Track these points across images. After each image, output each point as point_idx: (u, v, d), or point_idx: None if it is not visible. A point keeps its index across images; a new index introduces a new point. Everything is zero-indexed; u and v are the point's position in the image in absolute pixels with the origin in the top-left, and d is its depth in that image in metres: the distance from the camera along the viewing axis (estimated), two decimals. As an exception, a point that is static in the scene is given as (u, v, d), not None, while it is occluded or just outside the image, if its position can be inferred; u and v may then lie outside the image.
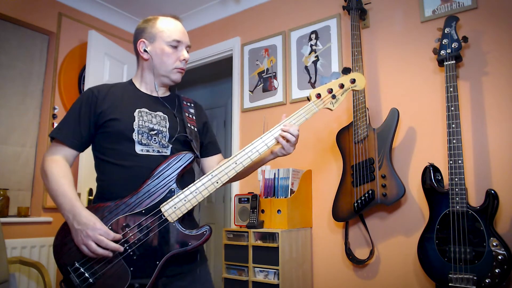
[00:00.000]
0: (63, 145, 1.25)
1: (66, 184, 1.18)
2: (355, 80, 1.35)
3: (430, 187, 1.94)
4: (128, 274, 1.13)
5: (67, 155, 1.26)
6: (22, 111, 2.91)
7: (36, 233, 2.75)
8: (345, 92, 1.34)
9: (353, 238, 2.39)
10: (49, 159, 1.23)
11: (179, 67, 1.34)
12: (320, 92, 1.32)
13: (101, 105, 1.26)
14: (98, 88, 1.31)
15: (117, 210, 1.16)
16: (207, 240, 1.19)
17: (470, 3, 2.14)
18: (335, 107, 1.33)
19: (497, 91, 2.02)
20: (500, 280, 1.69)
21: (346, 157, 2.29)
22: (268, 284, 2.20)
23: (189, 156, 1.23)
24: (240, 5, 3.21)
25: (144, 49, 1.33)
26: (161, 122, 1.31)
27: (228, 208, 4.21)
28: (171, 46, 1.32)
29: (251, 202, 2.45)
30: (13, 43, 2.90)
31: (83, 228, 1.11)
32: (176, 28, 1.34)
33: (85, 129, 1.26)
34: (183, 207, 1.18)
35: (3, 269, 2.10)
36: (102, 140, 1.27)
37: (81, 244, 1.11)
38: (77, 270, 1.14)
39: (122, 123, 1.24)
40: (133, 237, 1.15)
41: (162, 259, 1.15)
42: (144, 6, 3.40)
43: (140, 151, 1.24)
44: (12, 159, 2.82)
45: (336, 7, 2.66)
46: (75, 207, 1.14)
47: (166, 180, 1.20)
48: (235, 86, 3.16)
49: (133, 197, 1.18)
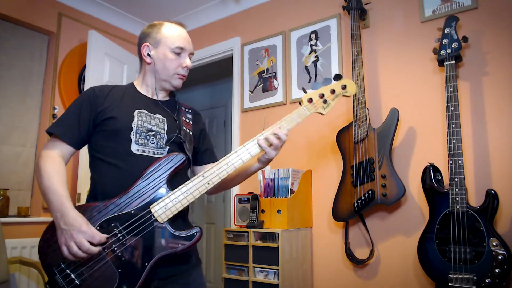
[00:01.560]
0: (60, 141, 1.24)
1: (58, 182, 1.16)
2: (346, 86, 1.37)
3: (430, 187, 1.94)
4: (116, 276, 1.11)
5: (63, 152, 1.25)
6: (22, 111, 2.91)
7: (36, 233, 2.74)
8: (336, 98, 1.37)
9: (353, 238, 2.39)
10: (45, 155, 1.22)
11: (180, 74, 1.36)
12: (312, 97, 1.34)
13: (101, 104, 1.27)
14: (100, 88, 1.32)
15: (106, 210, 1.15)
16: (197, 242, 1.18)
17: (470, 3, 2.14)
18: (326, 111, 1.36)
19: (497, 91, 2.02)
20: (500, 280, 1.69)
21: (346, 157, 2.29)
22: (268, 284, 2.20)
23: (180, 157, 1.23)
24: (240, 5, 3.21)
25: (148, 53, 1.34)
26: (159, 124, 1.31)
27: (228, 208, 4.22)
28: (174, 53, 1.33)
29: (251, 202, 2.45)
30: (13, 43, 2.90)
31: (68, 228, 1.09)
32: (181, 35, 1.36)
33: (84, 126, 1.26)
34: (173, 207, 1.17)
35: (3, 269, 2.10)
36: (99, 138, 1.27)
37: (62, 245, 1.09)
38: (63, 271, 1.12)
39: (120, 122, 1.25)
40: (121, 238, 1.13)
41: (151, 260, 1.14)
42: (144, 6, 3.40)
43: (136, 151, 1.24)
44: (12, 159, 2.82)
45: (336, 7, 2.66)
46: (63, 206, 1.12)
47: (157, 181, 1.19)
48: (235, 86, 3.16)
49: (123, 197, 1.17)
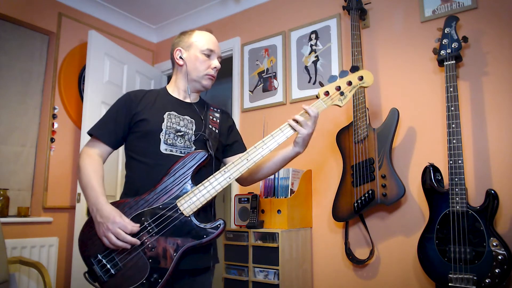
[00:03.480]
0: (99, 141, 1.37)
1: (96, 179, 1.28)
2: (362, 77, 1.39)
3: (430, 187, 1.94)
4: (147, 266, 1.21)
5: (102, 151, 1.37)
6: (22, 111, 2.91)
7: (36, 233, 2.75)
8: (353, 89, 1.39)
9: (353, 238, 2.39)
10: (85, 154, 1.35)
11: (210, 74, 1.45)
12: (329, 89, 1.37)
13: (136, 107, 1.38)
14: (135, 93, 1.44)
15: (137, 206, 1.26)
16: (221, 233, 1.26)
17: (470, 3, 2.14)
18: (344, 103, 1.38)
19: (497, 91, 2.02)
20: (500, 280, 1.69)
21: (346, 157, 2.29)
22: (268, 284, 2.20)
23: (202, 155, 1.31)
24: (240, 5, 3.21)
25: (180, 56, 1.45)
26: (188, 125, 1.41)
27: (228, 208, 4.21)
28: (205, 54, 1.43)
29: (251, 202, 2.45)
30: (13, 43, 2.90)
31: (104, 221, 1.20)
32: (210, 39, 1.47)
33: (120, 128, 1.38)
34: (197, 201, 1.26)
35: (3, 269, 2.10)
36: (133, 139, 1.38)
37: (102, 236, 1.21)
38: (100, 261, 1.23)
39: (151, 124, 1.35)
40: (151, 230, 1.23)
41: (179, 251, 1.22)
42: (144, 6, 3.40)
43: (164, 150, 1.33)
44: (12, 159, 2.82)
45: (336, 7, 2.66)
46: (98, 201, 1.24)
47: (182, 177, 1.28)
48: (235, 86, 3.16)
49: (151, 194, 1.27)
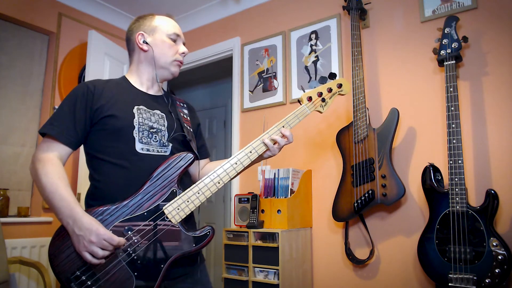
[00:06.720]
0: (56, 142, 1.17)
1: (63, 187, 1.10)
2: (341, 85, 1.40)
3: (430, 187, 1.94)
4: (132, 280, 1.09)
5: (61, 153, 1.17)
6: (22, 111, 2.91)
7: (36, 233, 2.75)
8: (333, 96, 1.39)
9: (353, 238, 2.39)
10: (42, 157, 1.15)
11: (179, 60, 1.36)
12: (311, 95, 1.37)
13: (97, 101, 1.21)
14: (94, 84, 1.25)
15: (118, 213, 1.12)
16: (210, 241, 1.18)
17: (470, 3, 2.14)
18: (325, 110, 1.38)
19: (497, 91, 2.02)
20: (500, 280, 1.69)
21: (346, 157, 2.29)
22: (268, 284, 2.20)
23: (189, 157, 1.21)
24: (240, 5, 3.21)
25: (144, 41, 1.32)
26: (159, 120, 1.28)
27: (228, 208, 4.21)
28: (171, 39, 1.34)
29: (251, 202, 2.44)
30: (13, 43, 2.90)
31: (85, 233, 1.04)
32: (175, 24, 1.39)
33: (80, 125, 1.19)
34: (186, 208, 1.16)
35: (3, 269, 2.10)
36: (99, 138, 1.21)
37: (83, 251, 1.05)
38: (78, 278, 1.07)
39: (121, 120, 1.20)
40: (136, 241, 1.11)
41: (167, 262, 1.12)
42: (144, 6, 3.40)
43: (140, 150, 1.20)
44: (12, 159, 2.82)
45: (336, 7, 2.66)
46: (74, 212, 1.07)
47: (168, 181, 1.17)
48: (235, 86, 3.16)
49: (134, 199, 1.14)
